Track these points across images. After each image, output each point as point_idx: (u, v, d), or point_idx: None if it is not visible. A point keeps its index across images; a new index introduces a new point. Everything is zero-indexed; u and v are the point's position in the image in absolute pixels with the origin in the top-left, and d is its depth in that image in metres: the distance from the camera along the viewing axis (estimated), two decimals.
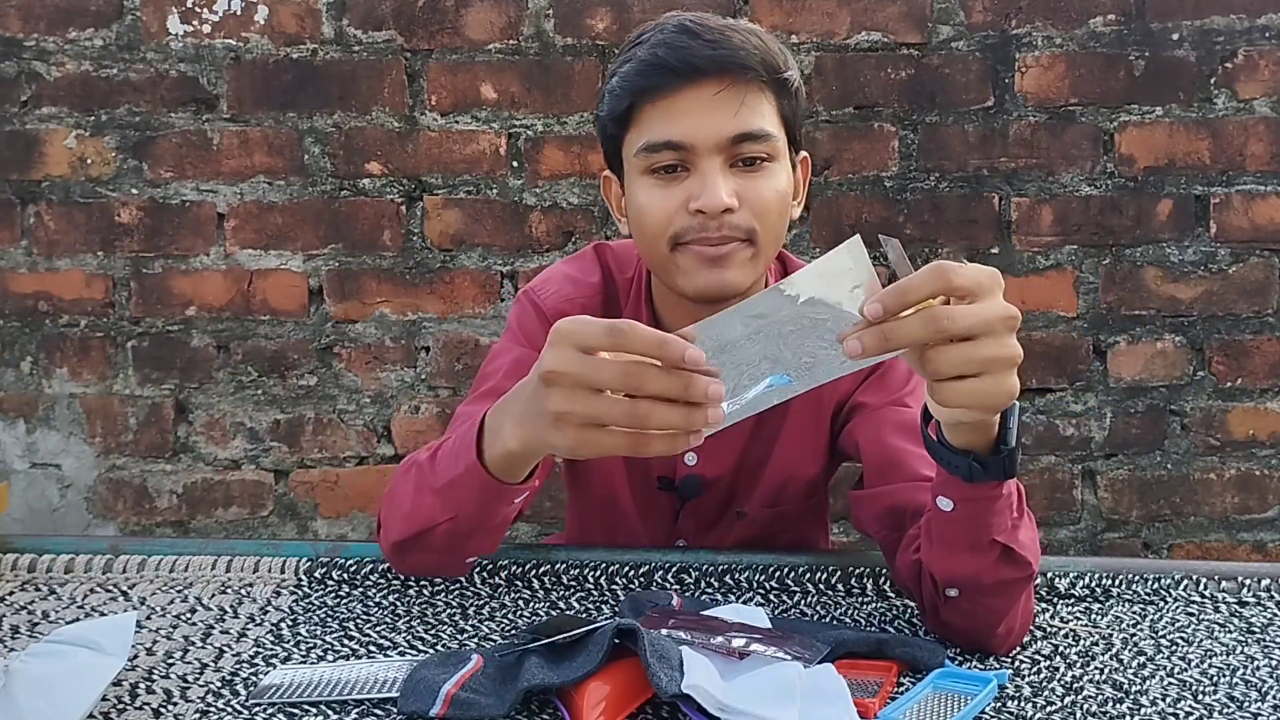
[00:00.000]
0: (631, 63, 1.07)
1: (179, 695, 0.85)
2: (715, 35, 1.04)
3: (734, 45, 1.04)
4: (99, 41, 2.04)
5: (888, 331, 0.73)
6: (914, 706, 0.81)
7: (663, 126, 1.04)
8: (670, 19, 1.08)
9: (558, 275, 1.23)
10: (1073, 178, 2.00)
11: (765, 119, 1.05)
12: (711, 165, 1.04)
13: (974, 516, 0.88)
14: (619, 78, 1.08)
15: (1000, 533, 0.88)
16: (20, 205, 2.06)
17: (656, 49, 1.05)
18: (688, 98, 1.03)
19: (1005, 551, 0.89)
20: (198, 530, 2.10)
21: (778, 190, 1.07)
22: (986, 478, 0.85)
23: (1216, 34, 1.97)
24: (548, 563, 1.08)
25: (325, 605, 1.02)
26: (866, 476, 1.09)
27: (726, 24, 1.07)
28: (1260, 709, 0.84)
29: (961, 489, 0.87)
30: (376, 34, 2.03)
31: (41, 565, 1.09)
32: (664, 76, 1.04)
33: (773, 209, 1.06)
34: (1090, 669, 0.90)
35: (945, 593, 0.92)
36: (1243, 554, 2.02)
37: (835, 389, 1.15)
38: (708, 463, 1.19)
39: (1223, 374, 2.01)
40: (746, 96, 1.04)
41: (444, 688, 0.80)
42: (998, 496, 0.87)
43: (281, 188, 2.05)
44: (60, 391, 2.09)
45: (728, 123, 1.03)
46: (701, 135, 1.03)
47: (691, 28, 1.05)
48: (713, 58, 1.03)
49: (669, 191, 1.06)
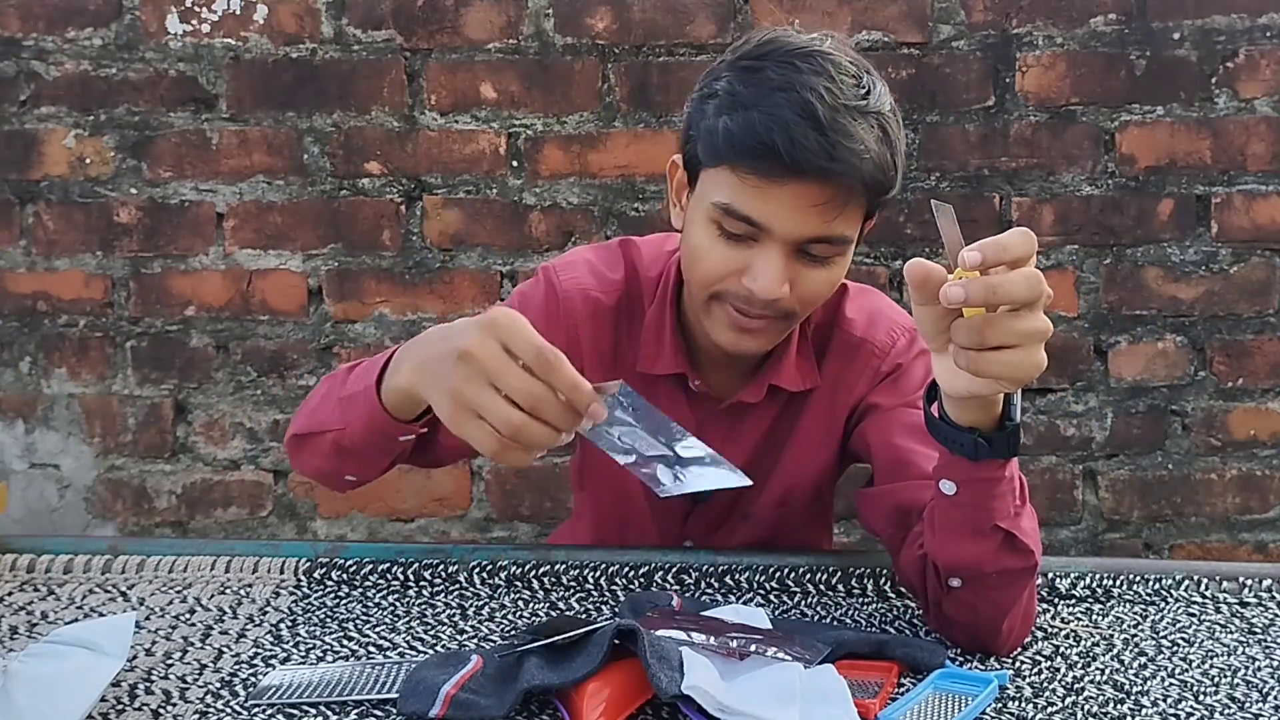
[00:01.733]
0: (743, 118, 0.97)
1: (178, 696, 0.85)
2: (839, 138, 0.95)
3: (853, 162, 0.96)
4: (98, 41, 2.04)
5: (996, 285, 0.74)
6: (914, 707, 0.81)
7: (751, 203, 0.99)
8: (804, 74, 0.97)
9: (581, 261, 1.20)
10: (1073, 177, 2.00)
11: (851, 225, 1.02)
12: (779, 252, 1.00)
13: (977, 500, 0.88)
14: (725, 127, 0.99)
15: (1003, 519, 0.88)
16: (19, 205, 2.06)
17: (774, 130, 0.95)
18: (788, 193, 0.97)
19: (1008, 538, 0.89)
20: (197, 531, 2.10)
21: (831, 282, 1.05)
22: (991, 454, 0.85)
23: (1218, 33, 1.96)
24: (547, 563, 1.08)
25: (324, 606, 1.02)
26: (876, 476, 1.09)
27: (856, 109, 0.97)
28: (1261, 709, 0.84)
29: (965, 469, 0.87)
30: (376, 33, 2.02)
31: (40, 566, 1.08)
32: (771, 166, 0.96)
33: (819, 298, 1.06)
34: (1091, 669, 0.90)
35: (948, 583, 0.92)
36: (1244, 554, 2.02)
37: (850, 393, 1.15)
38: None
39: (1224, 374, 2.01)
40: (844, 208, 0.99)
41: (443, 688, 0.80)
42: (1000, 479, 0.87)
43: (281, 187, 2.05)
44: (59, 391, 2.09)
45: (814, 226, 0.99)
46: (783, 226, 0.99)
47: (821, 116, 0.95)
48: (825, 169, 0.95)
49: (729, 252, 1.02)
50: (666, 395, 1.18)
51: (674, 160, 1.12)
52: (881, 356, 1.14)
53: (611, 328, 1.17)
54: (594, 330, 1.16)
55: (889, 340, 1.14)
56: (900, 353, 1.14)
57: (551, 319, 1.15)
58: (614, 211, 2.02)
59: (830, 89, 0.97)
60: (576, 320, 1.16)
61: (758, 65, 1.00)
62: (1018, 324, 0.76)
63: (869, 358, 1.14)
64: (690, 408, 1.17)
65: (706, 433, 1.17)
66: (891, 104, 1.02)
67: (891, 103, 1.03)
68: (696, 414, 1.17)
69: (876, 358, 1.14)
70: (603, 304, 1.16)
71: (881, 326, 1.15)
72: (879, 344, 1.15)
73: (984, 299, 0.75)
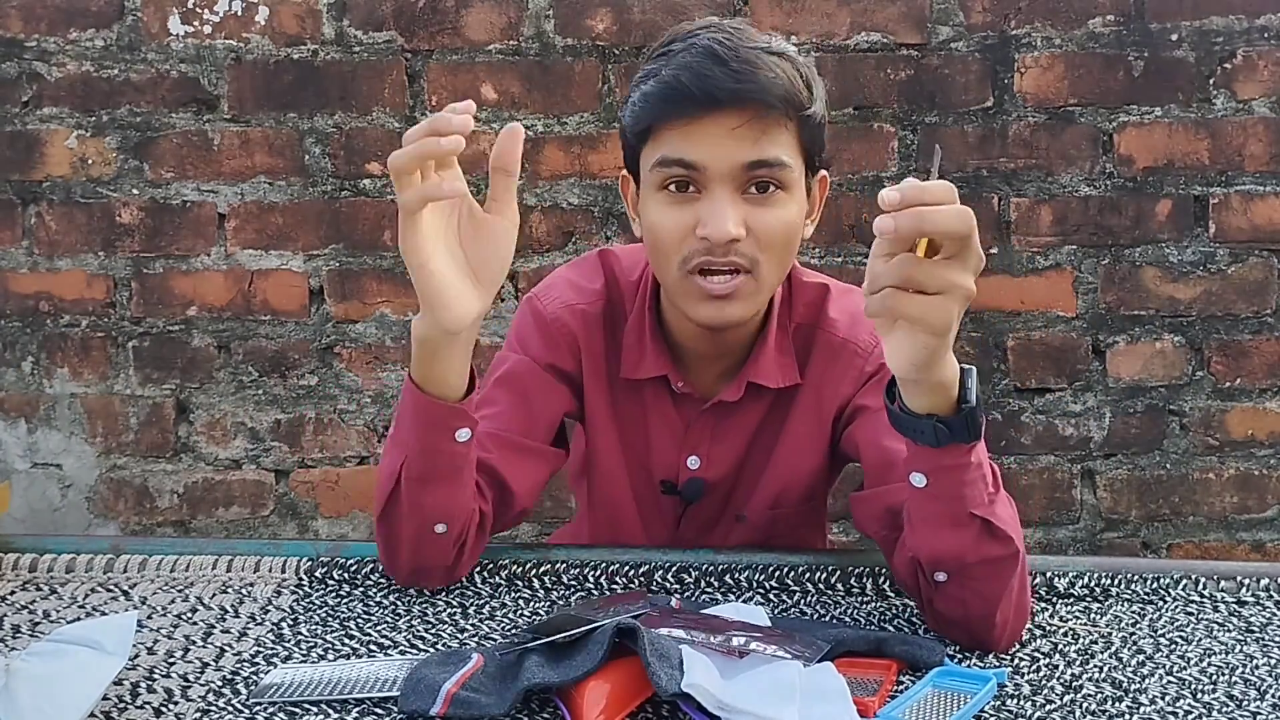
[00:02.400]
0: (656, 79, 1.05)
1: (180, 694, 0.85)
2: (742, 65, 1.02)
3: (759, 79, 1.02)
4: (100, 42, 2.04)
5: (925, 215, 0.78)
6: (914, 705, 0.82)
7: (678, 146, 1.04)
8: (702, 35, 1.06)
9: (560, 281, 1.23)
10: (1072, 178, 2.00)
11: (782, 148, 1.05)
12: (722, 191, 1.04)
13: (948, 489, 0.90)
14: (641, 94, 1.07)
15: (977, 506, 0.90)
16: (21, 205, 2.07)
17: (681, 73, 1.03)
18: (706, 125, 1.03)
19: (985, 526, 0.90)
20: (198, 530, 2.11)
21: (786, 221, 1.06)
22: (952, 439, 0.87)
23: (1215, 34, 1.97)
24: (548, 562, 1.09)
25: (326, 605, 1.02)
26: (866, 478, 1.10)
27: (757, 48, 1.05)
28: (1259, 707, 0.84)
29: (931, 458, 0.89)
30: (377, 34, 2.03)
31: (42, 565, 1.09)
32: (684, 104, 1.03)
33: (778, 241, 1.06)
34: (1089, 667, 0.90)
35: (934, 578, 0.93)
36: (1241, 553, 2.03)
37: (836, 393, 1.16)
38: (710, 466, 1.19)
39: (1222, 374, 2.01)
40: (766, 128, 1.03)
41: (444, 687, 0.80)
42: (967, 465, 0.89)
43: (282, 188, 2.05)
44: (61, 391, 2.09)
45: (744, 151, 1.03)
46: (715, 160, 1.03)
47: (720, 53, 1.03)
48: (735, 91, 1.02)
49: (679, 213, 1.05)
50: (653, 398, 1.19)
51: (622, 174, 1.16)
52: (865, 357, 1.15)
53: (602, 335, 1.18)
54: (589, 340, 1.18)
55: (872, 340, 1.15)
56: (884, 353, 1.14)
57: (551, 343, 1.17)
58: (614, 212, 2.02)
59: (730, 37, 1.05)
60: (575, 335, 1.18)
61: (665, 50, 1.08)
62: (941, 270, 0.80)
63: (853, 358, 1.15)
64: (676, 410, 1.18)
65: (693, 434, 1.18)
66: (797, 51, 1.10)
67: (797, 50, 1.10)
68: (683, 416, 1.18)
69: (860, 358, 1.15)
70: (590, 314, 1.18)
71: (865, 326, 1.15)
72: (862, 344, 1.15)
73: (913, 227, 0.78)
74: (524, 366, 1.16)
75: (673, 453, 1.20)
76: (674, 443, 1.19)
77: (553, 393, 1.17)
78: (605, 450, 1.21)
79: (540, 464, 1.15)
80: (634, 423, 1.20)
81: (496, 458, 1.09)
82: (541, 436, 1.15)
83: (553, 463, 1.17)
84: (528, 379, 1.15)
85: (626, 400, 1.19)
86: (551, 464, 1.16)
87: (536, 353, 1.17)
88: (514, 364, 1.16)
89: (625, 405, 1.19)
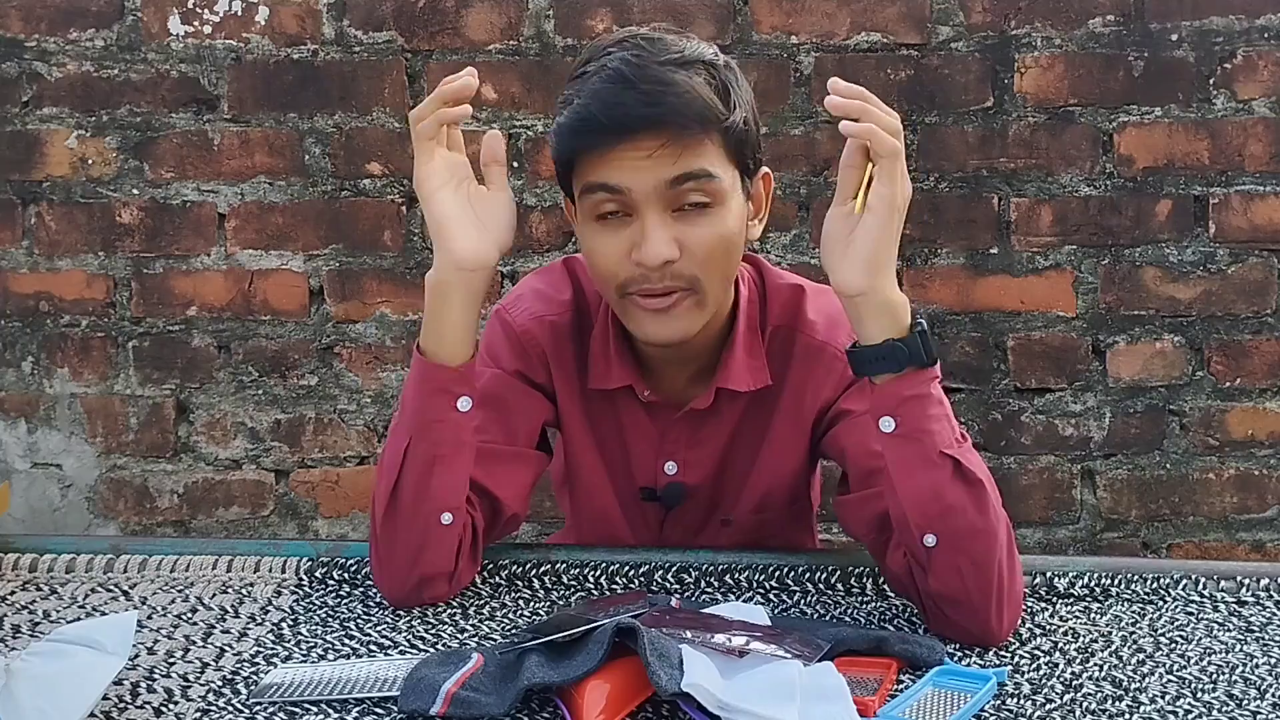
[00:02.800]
0: (570, 109, 1.04)
1: (180, 694, 0.85)
2: (651, 87, 1.00)
3: (668, 101, 1.00)
4: (100, 42, 2.04)
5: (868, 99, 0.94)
6: (914, 704, 0.82)
7: (600, 173, 1.03)
8: (614, 55, 1.03)
9: (528, 292, 1.21)
10: (1072, 178, 2.00)
11: (708, 160, 1.03)
12: (651, 214, 1.02)
13: (915, 425, 0.94)
14: (559, 125, 1.06)
15: (946, 446, 0.94)
16: (21, 205, 2.07)
17: (591, 103, 1.01)
18: (623, 151, 1.01)
19: (956, 466, 0.94)
20: (198, 530, 2.11)
21: (722, 234, 1.05)
22: (911, 361, 0.94)
23: (1215, 34, 1.97)
24: (548, 562, 1.09)
25: (326, 605, 1.03)
26: (852, 481, 1.10)
27: (668, 64, 1.02)
28: (1259, 707, 0.84)
29: (893, 392, 0.95)
30: (377, 34, 2.03)
31: (43, 565, 1.09)
32: (598, 135, 1.01)
33: (716, 254, 1.05)
34: (1090, 666, 0.91)
35: (923, 542, 0.94)
36: (1241, 554, 2.02)
37: (817, 396, 1.15)
38: (688, 470, 1.19)
39: (1222, 374, 2.01)
40: (685, 146, 1.01)
41: (444, 686, 0.80)
42: (929, 396, 0.95)
43: (282, 188, 2.05)
44: (61, 391, 2.09)
45: (665, 170, 1.01)
46: (638, 183, 1.01)
47: (628, 75, 1.00)
48: (646, 116, 1.00)
49: (613, 239, 1.04)
50: (625, 408, 1.18)
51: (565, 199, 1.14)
52: (844, 359, 1.14)
53: (571, 346, 1.18)
54: (557, 350, 1.17)
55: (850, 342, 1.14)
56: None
57: (521, 355, 1.16)
58: None
59: (640, 55, 1.02)
60: (541, 346, 1.17)
61: (581, 72, 1.06)
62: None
63: (832, 361, 1.14)
64: (650, 417, 1.18)
65: (669, 440, 1.18)
66: (716, 53, 1.07)
67: (717, 53, 1.07)
68: (657, 423, 1.17)
69: (840, 361, 1.13)
70: (559, 325, 1.17)
71: (843, 328, 1.14)
72: (840, 346, 1.13)
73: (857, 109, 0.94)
74: (499, 380, 1.15)
75: (650, 459, 1.19)
76: (650, 449, 1.19)
77: (530, 400, 1.16)
78: (584, 459, 1.20)
79: (525, 468, 1.14)
80: (610, 431, 1.19)
81: (479, 471, 1.07)
82: (523, 443, 1.14)
83: (537, 466, 1.16)
84: (503, 391, 1.14)
85: (601, 409, 1.19)
86: (536, 467, 1.15)
87: (508, 364, 1.16)
88: (488, 380, 1.14)
89: (600, 414, 1.19)
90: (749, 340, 1.15)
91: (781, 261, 1.99)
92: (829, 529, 2.04)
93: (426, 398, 1.03)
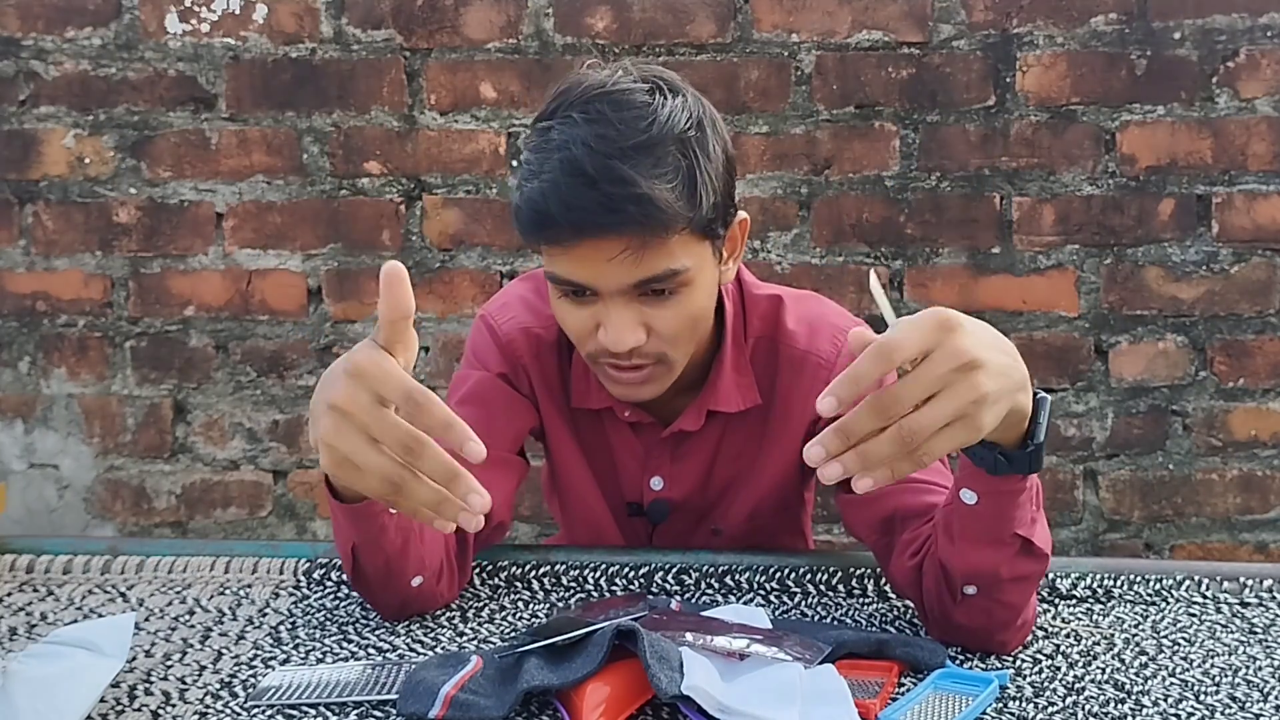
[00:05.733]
0: (528, 197, 0.97)
1: (177, 697, 0.85)
2: (613, 189, 0.94)
3: (629, 211, 0.94)
4: (97, 41, 2.04)
5: (863, 454, 0.71)
6: (915, 707, 0.81)
7: (563, 267, 1.00)
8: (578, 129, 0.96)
9: (515, 300, 1.20)
10: (1074, 177, 1.99)
11: (674, 257, 0.99)
12: (616, 304, 1.00)
13: (997, 510, 0.87)
14: (516, 206, 1.00)
15: (1021, 526, 0.88)
16: (18, 205, 2.06)
17: (550, 200, 0.95)
18: (584, 251, 0.97)
19: (1025, 545, 0.89)
20: (196, 531, 2.10)
21: (690, 315, 1.03)
22: (1011, 471, 0.84)
23: (1218, 33, 1.96)
24: (547, 564, 1.08)
25: (324, 607, 1.02)
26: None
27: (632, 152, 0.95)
28: (1262, 709, 0.83)
29: (987, 482, 0.86)
30: (375, 33, 2.02)
31: (40, 566, 1.08)
32: (556, 233, 0.97)
33: (684, 332, 1.03)
34: (1092, 669, 0.90)
35: (963, 590, 0.91)
36: (1244, 555, 2.02)
37: (805, 408, 1.13)
38: (674, 486, 1.18)
39: (1224, 374, 2.01)
40: (648, 249, 0.97)
41: (443, 689, 0.80)
42: (1021, 489, 0.86)
43: (280, 187, 2.05)
44: (58, 392, 2.09)
45: (628, 274, 0.98)
46: (602, 281, 0.99)
47: (589, 171, 0.94)
48: (606, 224, 0.95)
49: (580, 313, 1.03)
50: (610, 424, 1.17)
51: None
52: (829, 367, 1.13)
53: (556, 360, 1.17)
54: (540, 366, 1.16)
55: (833, 349, 1.13)
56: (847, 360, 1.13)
57: (507, 360, 1.16)
58: None
59: (604, 135, 0.95)
60: (524, 360, 1.16)
61: (548, 126, 0.99)
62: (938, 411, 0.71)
63: (817, 370, 1.13)
64: (635, 435, 1.17)
65: (654, 459, 1.17)
66: (691, 119, 0.99)
67: (691, 117, 0.99)
68: (642, 440, 1.17)
69: (824, 369, 1.12)
70: (544, 339, 1.16)
71: (824, 335, 1.14)
72: (824, 355, 1.13)
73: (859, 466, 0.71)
74: (487, 382, 1.14)
75: (636, 474, 1.19)
76: (636, 465, 1.18)
77: (515, 405, 1.15)
78: (573, 473, 1.20)
79: (509, 474, 1.13)
80: (597, 446, 1.19)
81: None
82: (506, 447, 1.13)
83: (519, 473, 1.15)
84: (491, 393, 1.14)
85: (586, 424, 1.18)
86: (518, 474, 1.14)
87: (494, 367, 1.15)
88: (476, 381, 1.14)
89: (586, 429, 1.18)
90: (736, 358, 1.14)
91: (782, 261, 1.99)
92: (830, 529, 2.04)
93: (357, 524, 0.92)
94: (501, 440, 1.12)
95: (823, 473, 0.72)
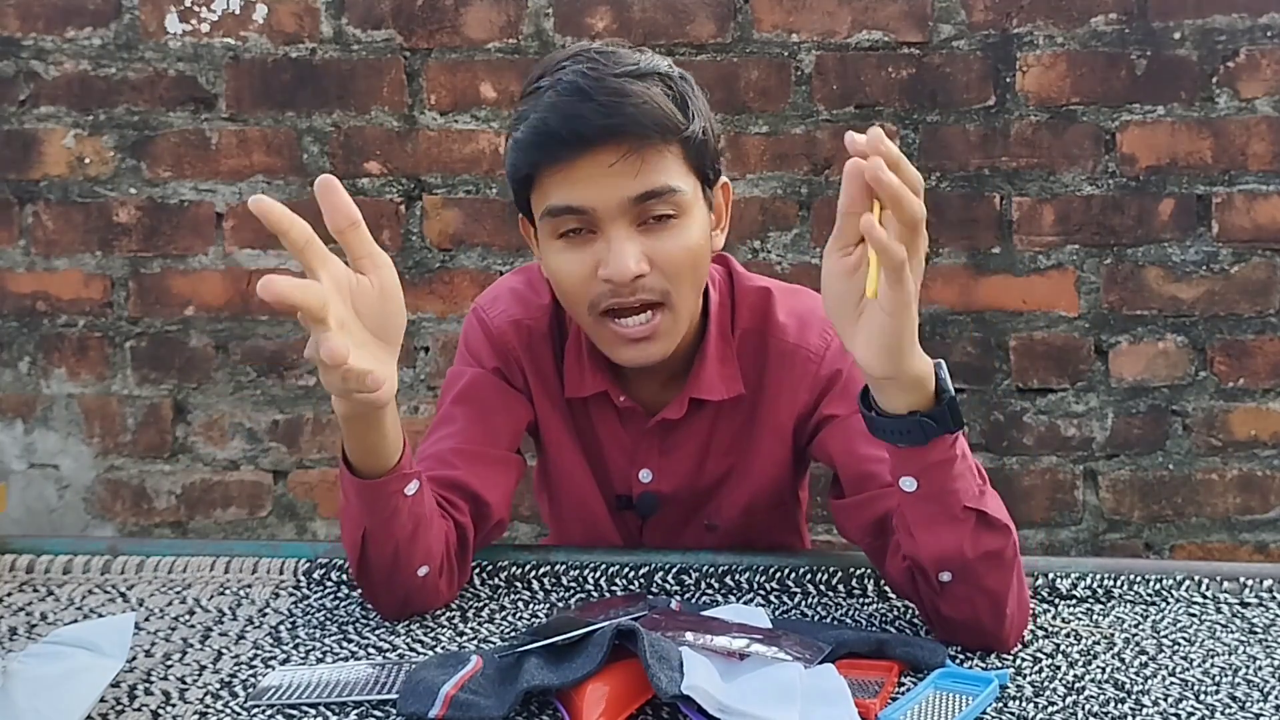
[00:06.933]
0: (526, 125, 1.02)
1: (177, 697, 0.85)
2: (609, 98, 0.98)
3: (627, 110, 0.98)
4: (97, 41, 2.04)
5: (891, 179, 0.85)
6: (915, 707, 0.81)
7: (562, 192, 1.01)
8: (568, 68, 1.01)
9: (506, 292, 1.20)
10: (1074, 177, 1.99)
11: (670, 174, 1.02)
12: (617, 230, 1.01)
13: (939, 486, 0.89)
14: (515, 141, 1.04)
15: (969, 499, 0.89)
16: (18, 205, 2.06)
17: (549, 116, 0.99)
18: (584, 166, 0.99)
19: (981, 518, 0.90)
20: (196, 531, 2.10)
21: (689, 247, 1.04)
22: (939, 431, 0.86)
23: (1218, 33, 1.96)
24: (547, 564, 1.08)
25: (324, 607, 1.02)
26: (845, 486, 1.08)
27: (626, 74, 1.00)
28: (1262, 709, 0.83)
29: (918, 458, 0.88)
30: (375, 33, 2.02)
31: (40, 566, 1.08)
32: (556, 148, 1.00)
33: (685, 268, 1.04)
34: (1092, 668, 0.90)
35: (939, 579, 0.92)
36: (1244, 555, 2.02)
37: (794, 401, 1.14)
38: (663, 478, 1.18)
39: (1224, 374, 2.01)
40: (646, 158, 1.00)
41: (443, 689, 0.80)
42: (954, 459, 0.88)
43: (280, 187, 2.05)
44: (58, 392, 2.09)
45: (627, 185, 1.00)
46: (601, 199, 1.00)
47: (585, 87, 0.99)
48: (605, 127, 0.98)
49: (579, 256, 1.03)
50: (599, 416, 1.17)
51: (520, 219, 1.13)
52: (817, 361, 1.13)
53: (548, 351, 1.17)
54: (533, 357, 1.17)
55: (822, 343, 1.13)
56: (836, 356, 1.12)
57: (500, 355, 1.16)
58: None
59: (595, 67, 1.01)
60: (517, 352, 1.16)
61: (535, 87, 1.04)
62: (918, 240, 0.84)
63: (805, 363, 1.13)
64: (623, 425, 1.17)
65: (641, 451, 1.17)
66: (671, 66, 1.05)
67: (672, 66, 1.06)
68: (630, 431, 1.17)
69: (813, 363, 1.13)
70: (535, 330, 1.17)
71: (813, 329, 1.14)
72: (813, 349, 1.13)
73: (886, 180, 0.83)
74: (481, 379, 1.15)
75: (624, 466, 1.19)
76: (624, 456, 1.18)
77: (512, 401, 1.15)
78: (567, 465, 1.20)
79: (508, 472, 1.13)
80: (589, 438, 1.19)
81: (465, 472, 1.07)
82: (505, 445, 1.14)
83: (518, 470, 1.15)
84: (486, 390, 1.14)
85: (579, 416, 1.18)
86: (517, 472, 1.15)
87: (488, 363, 1.16)
88: (471, 378, 1.14)
89: (578, 421, 1.18)
90: (720, 347, 1.14)
91: (782, 261, 1.99)
92: (829, 530, 2.04)
93: (372, 505, 0.95)
94: (499, 439, 1.13)
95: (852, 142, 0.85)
